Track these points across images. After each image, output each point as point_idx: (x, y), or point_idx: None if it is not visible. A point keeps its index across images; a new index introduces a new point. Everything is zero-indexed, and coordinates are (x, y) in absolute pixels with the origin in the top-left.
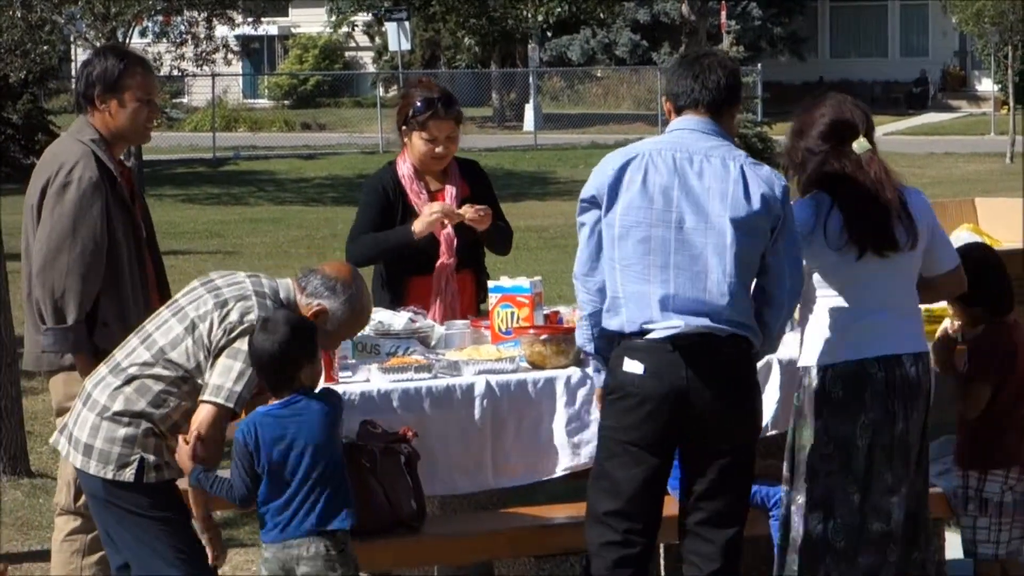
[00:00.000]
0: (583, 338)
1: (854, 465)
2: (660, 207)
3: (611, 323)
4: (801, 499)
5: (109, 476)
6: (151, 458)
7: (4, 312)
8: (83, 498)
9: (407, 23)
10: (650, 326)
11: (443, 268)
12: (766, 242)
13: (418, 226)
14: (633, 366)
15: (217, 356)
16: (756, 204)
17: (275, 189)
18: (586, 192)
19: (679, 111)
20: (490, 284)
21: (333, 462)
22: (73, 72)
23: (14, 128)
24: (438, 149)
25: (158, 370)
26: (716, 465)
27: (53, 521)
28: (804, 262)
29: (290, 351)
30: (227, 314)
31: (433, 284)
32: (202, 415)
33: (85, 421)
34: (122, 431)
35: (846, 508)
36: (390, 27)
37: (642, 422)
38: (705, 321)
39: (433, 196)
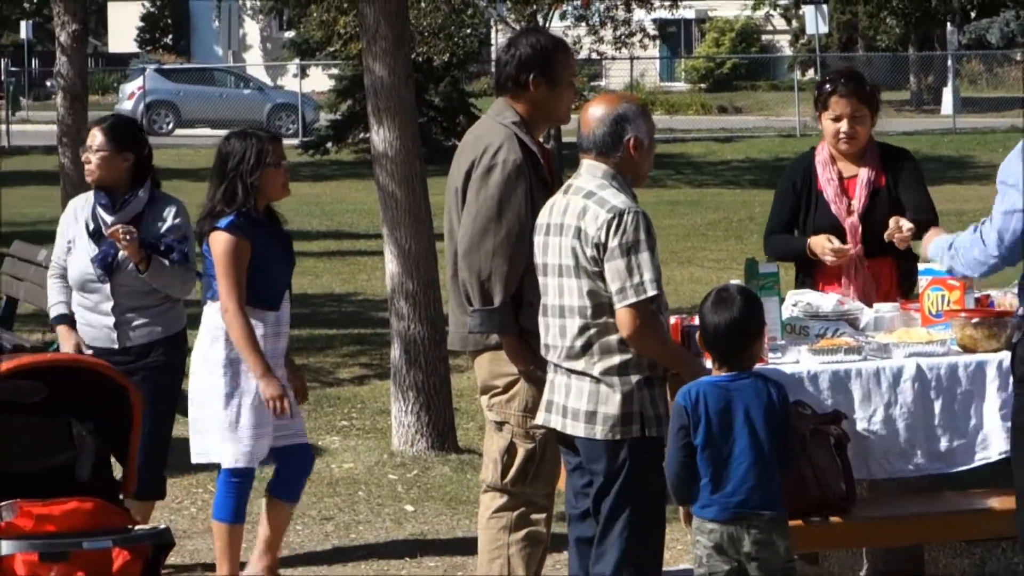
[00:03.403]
0: None
1: None
2: None
3: None
4: None
5: (617, 437)
6: (650, 412)
7: (434, 290)
8: (510, 475)
9: (825, 6)
10: None
11: (849, 259)
12: None
13: (813, 248)
14: None
15: (597, 266)
16: None
17: (692, 172)
18: None
19: None
20: (920, 267)
21: (776, 443)
22: (493, 55)
23: (436, 110)
24: (842, 127)
25: (601, 321)
26: None
27: (479, 496)
28: None
29: (742, 325)
30: (584, 234)
31: (842, 272)
32: (621, 321)
33: (580, 390)
34: (618, 391)
35: None
36: (808, 10)
37: None
38: None
39: (844, 183)
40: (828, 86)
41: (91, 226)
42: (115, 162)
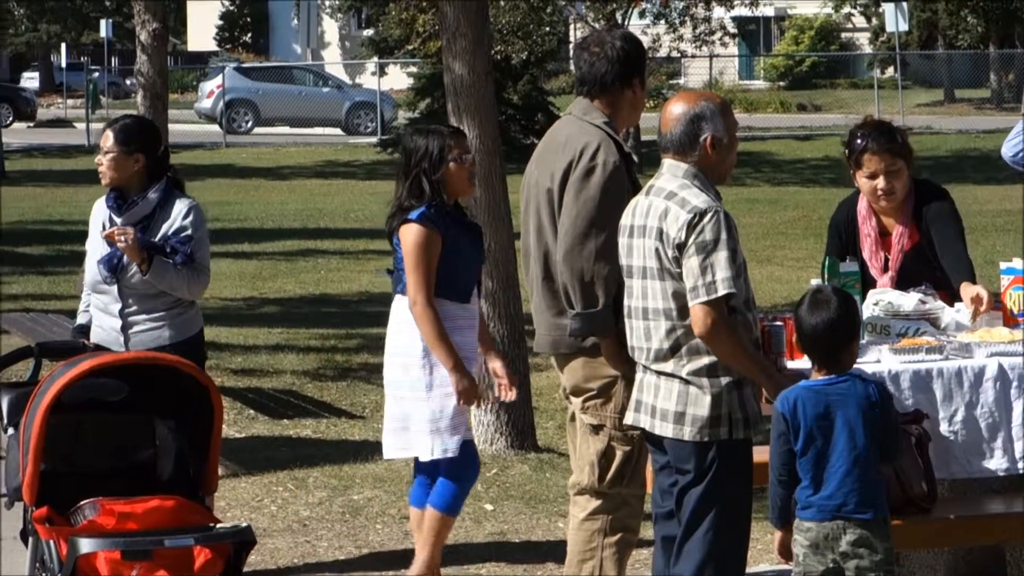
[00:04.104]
0: None
1: None
2: None
3: None
4: None
5: (705, 439)
6: (738, 414)
7: (513, 288)
8: (608, 477)
9: (905, 3)
10: None
11: None
12: None
13: None
14: None
15: (680, 267)
16: None
17: (771, 170)
18: None
19: None
20: (1003, 265)
21: (873, 448)
22: (571, 54)
23: (514, 108)
24: (879, 184)
25: (688, 322)
26: None
27: (558, 495)
28: None
29: (840, 327)
30: (666, 235)
31: None
32: (694, 319)
33: (669, 391)
34: (707, 393)
35: None
36: (888, 8)
37: None
38: None
39: (881, 240)
40: (859, 142)
41: (106, 227)
42: (126, 163)
